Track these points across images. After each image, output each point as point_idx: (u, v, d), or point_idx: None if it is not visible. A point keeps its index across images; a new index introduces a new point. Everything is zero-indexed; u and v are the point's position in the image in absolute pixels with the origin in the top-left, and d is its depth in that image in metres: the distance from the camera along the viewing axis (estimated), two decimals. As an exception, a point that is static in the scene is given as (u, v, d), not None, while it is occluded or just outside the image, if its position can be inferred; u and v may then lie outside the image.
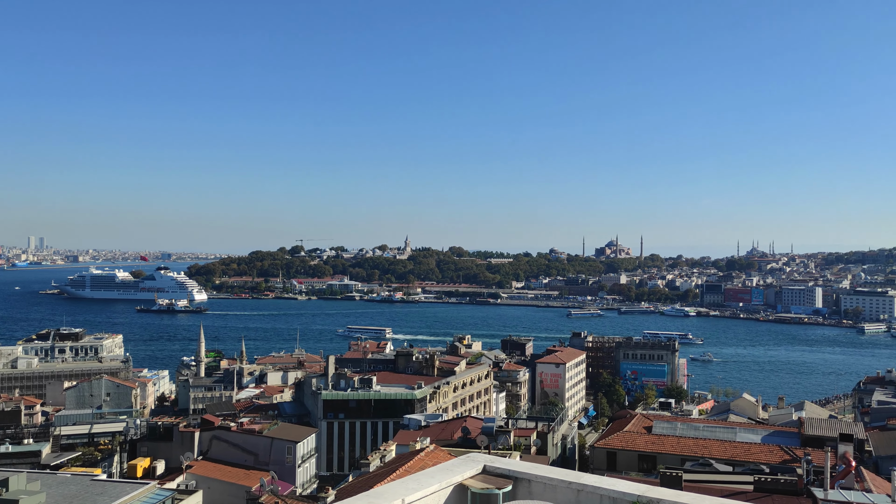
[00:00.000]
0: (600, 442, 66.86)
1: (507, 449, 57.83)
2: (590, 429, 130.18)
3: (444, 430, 71.16)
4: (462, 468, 11.83)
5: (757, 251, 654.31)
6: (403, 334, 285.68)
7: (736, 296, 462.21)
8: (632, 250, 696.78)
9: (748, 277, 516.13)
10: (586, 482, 11.00)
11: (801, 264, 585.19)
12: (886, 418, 72.45)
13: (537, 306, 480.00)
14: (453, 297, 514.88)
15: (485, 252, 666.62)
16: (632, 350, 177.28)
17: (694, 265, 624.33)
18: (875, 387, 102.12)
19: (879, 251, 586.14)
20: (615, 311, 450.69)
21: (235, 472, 64.48)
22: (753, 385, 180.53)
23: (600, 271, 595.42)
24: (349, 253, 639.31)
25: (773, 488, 33.02)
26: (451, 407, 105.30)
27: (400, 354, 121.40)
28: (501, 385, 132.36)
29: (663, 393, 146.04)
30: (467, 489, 11.38)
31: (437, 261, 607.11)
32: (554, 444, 74.87)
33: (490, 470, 12.01)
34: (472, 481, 11.64)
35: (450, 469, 11.85)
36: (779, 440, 61.89)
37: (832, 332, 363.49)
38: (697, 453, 58.19)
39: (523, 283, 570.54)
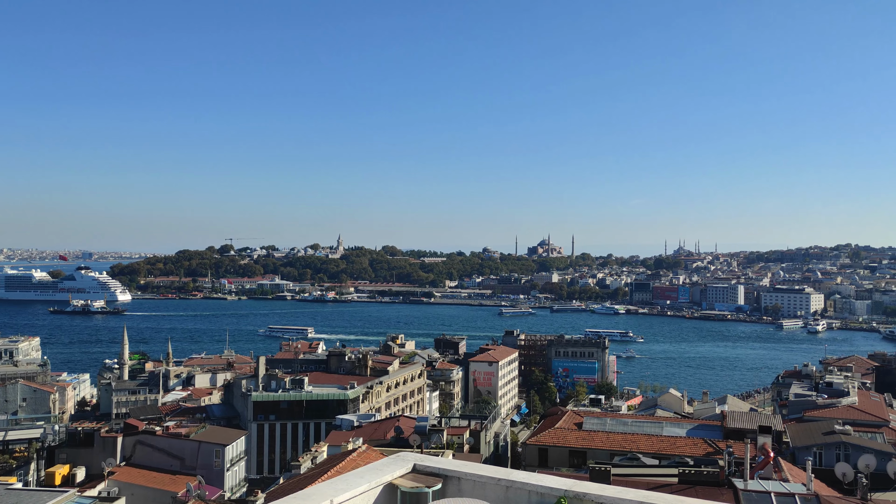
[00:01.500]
0: (532, 439, 67.64)
1: (439, 447, 57.86)
2: (522, 426, 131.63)
3: (377, 430, 70.75)
4: (392, 467, 11.63)
5: (683, 250, 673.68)
6: (328, 333, 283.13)
7: (663, 294, 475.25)
8: (563, 249, 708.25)
9: (675, 276, 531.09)
10: (515, 479, 10.97)
11: (724, 263, 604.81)
12: (803, 410, 75.31)
13: (471, 305, 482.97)
14: (387, 297, 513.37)
15: (418, 251, 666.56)
16: (563, 348, 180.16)
17: (624, 264, 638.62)
18: (792, 380, 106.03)
19: (797, 250, 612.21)
20: (547, 309, 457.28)
21: (161, 477, 62.59)
22: (680, 380, 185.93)
23: (533, 270, 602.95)
24: (280, 252, 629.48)
25: (697, 480, 34.00)
26: (384, 406, 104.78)
27: (332, 354, 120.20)
28: (435, 384, 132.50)
29: (594, 390, 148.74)
30: (397, 488, 11.19)
31: (370, 260, 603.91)
32: (487, 442, 75.40)
33: (420, 469, 11.85)
34: (401, 480, 11.46)
35: (379, 469, 11.64)
36: (703, 433, 63.81)
37: (753, 328, 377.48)
38: (626, 448, 59.45)
39: (457, 282, 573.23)
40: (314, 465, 50.98)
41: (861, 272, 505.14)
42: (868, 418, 71.70)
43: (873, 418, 72.03)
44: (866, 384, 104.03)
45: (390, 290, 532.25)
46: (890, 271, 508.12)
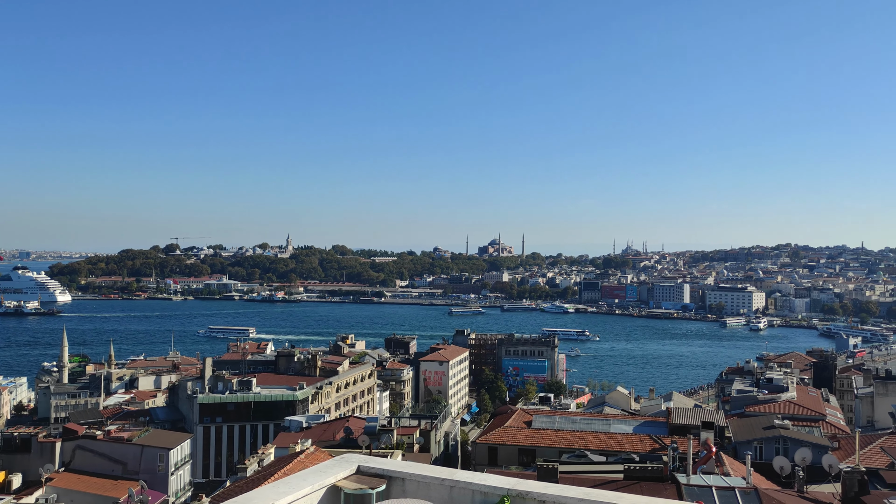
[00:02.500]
0: (482, 438, 67.91)
1: (389, 448, 57.61)
2: (473, 425, 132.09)
3: (326, 431, 70.11)
4: (335, 469, 11.48)
5: (631, 250, 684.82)
6: (277, 333, 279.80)
7: (612, 292, 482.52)
8: (514, 249, 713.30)
9: (623, 275, 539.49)
10: (459, 478, 10.93)
11: (671, 262, 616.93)
12: (744, 406, 77.30)
13: (421, 304, 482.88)
14: (337, 297, 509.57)
15: (369, 251, 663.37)
16: (513, 347, 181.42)
17: (573, 263, 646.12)
18: (735, 377, 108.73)
19: (740, 250, 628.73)
20: (498, 308, 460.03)
21: (102, 483, 60.88)
22: (627, 378, 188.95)
23: (483, 269, 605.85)
24: (228, 251, 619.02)
25: (642, 476, 34.56)
26: (334, 407, 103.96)
27: (281, 355, 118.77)
28: (385, 384, 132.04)
29: (544, 388, 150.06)
30: (340, 490, 11.05)
31: (320, 259, 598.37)
32: (437, 442, 75.41)
33: (364, 470, 11.73)
34: (345, 482, 11.32)
35: (322, 471, 11.47)
36: (649, 430, 64.91)
37: (698, 326, 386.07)
38: (574, 445, 60.12)
39: (407, 282, 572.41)
40: (261, 468, 50.24)
41: (800, 271, 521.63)
42: (806, 413, 74.04)
43: (811, 413, 74.42)
44: (804, 380, 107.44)
45: (340, 289, 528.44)
46: (827, 270, 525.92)
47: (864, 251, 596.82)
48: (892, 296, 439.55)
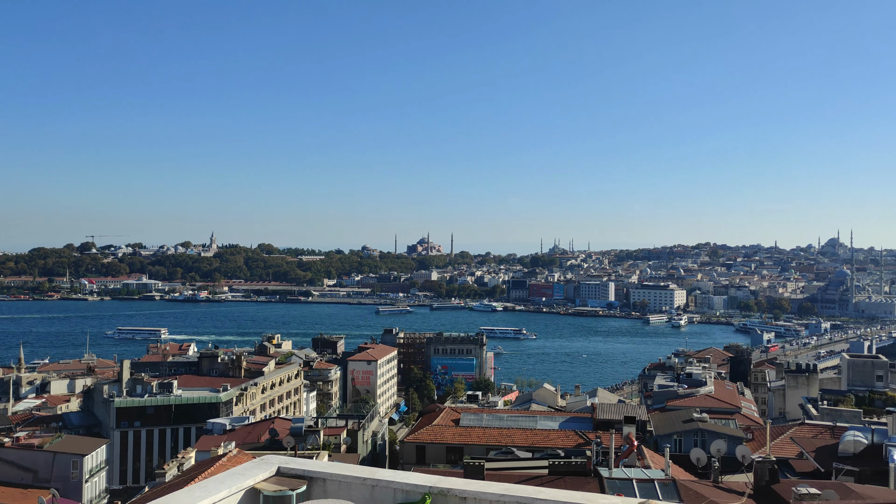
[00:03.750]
0: (410, 436, 67.96)
1: (315, 449, 56.86)
2: (401, 424, 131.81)
3: (250, 434, 68.75)
4: (254, 471, 11.16)
5: (558, 248, 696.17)
6: (200, 334, 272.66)
7: (539, 291, 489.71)
8: (443, 248, 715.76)
9: (550, 273, 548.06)
10: (380, 477, 10.83)
11: (596, 261, 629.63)
12: (666, 400, 79.59)
13: (350, 304, 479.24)
14: (263, 296, 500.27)
15: (296, 249, 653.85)
16: (442, 345, 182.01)
17: (501, 262, 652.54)
18: (657, 372, 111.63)
19: (662, 248, 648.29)
20: (427, 307, 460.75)
21: (10, 492, 57.93)
22: (554, 375, 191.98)
23: (412, 268, 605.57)
24: (148, 250, 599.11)
25: (565, 471, 35.11)
26: (259, 409, 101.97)
27: (204, 356, 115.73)
28: (312, 384, 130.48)
29: (472, 386, 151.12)
30: (259, 493, 10.74)
31: (245, 258, 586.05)
32: (364, 442, 74.90)
33: (284, 471, 11.46)
34: (264, 484, 11.02)
35: (241, 473, 11.12)
36: (574, 425, 66.15)
37: (623, 323, 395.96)
38: (501, 442, 60.73)
39: (335, 281, 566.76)
40: (181, 473, 48.76)
41: (719, 269, 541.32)
42: (723, 406, 76.84)
43: (727, 406, 77.26)
44: (722, 374, 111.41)
45: (266, 289, 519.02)
46: (743, 268, 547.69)
47: (777, 250, 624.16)
48: (802, 293, 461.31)
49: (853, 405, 77.96)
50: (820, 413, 72.94)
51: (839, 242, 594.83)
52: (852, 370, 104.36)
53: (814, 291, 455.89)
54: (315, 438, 61.32)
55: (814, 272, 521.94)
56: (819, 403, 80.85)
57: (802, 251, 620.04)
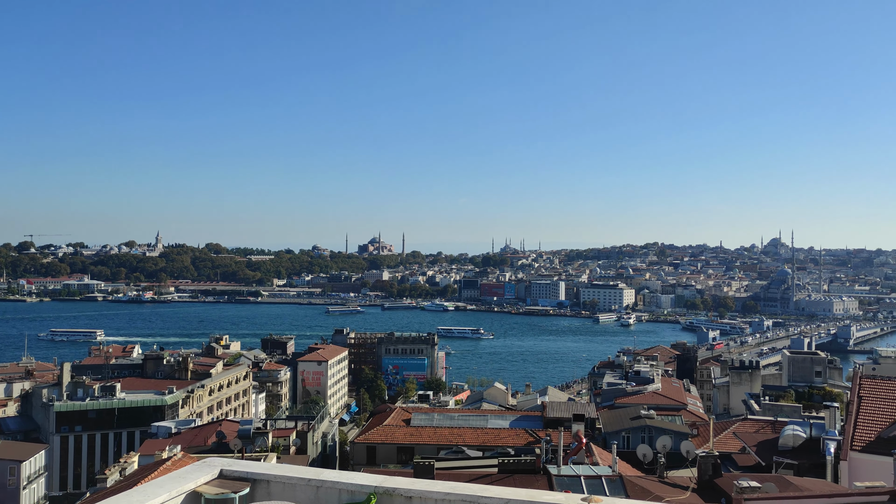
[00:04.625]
0: (360, 437, 67.47)
1: (263, 451, 56.02)
2: (352, 425, 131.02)
3: (197, 437, 67.44)
4: (196, 474, 10.86)
5: (510, 248, 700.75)
6: (145, 336, 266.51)
7: (491, 290, 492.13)
8: (394, 247, 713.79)
9: (502, 273, 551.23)
10: (325, 478, 10.70)
11: (547, 260, 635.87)
12: (614, 398, 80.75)
13: (300, 304, 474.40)
14: (210, 296, 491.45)
15: (245, 249, 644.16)
16: (393, 345, 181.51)
17: (453, 262, 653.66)
18: (606, 370, 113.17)
19: (612, 248, 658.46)
20: (378, 307, 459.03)
21: (-58, 501, 55.72)
22: (506, 374, 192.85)
23: (364, 268, 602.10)
24: (90, 250, 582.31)
25: (515, 469, 35.29)
26: (206, 411, 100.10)
27: (149, 358, 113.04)
28: (262, 385, 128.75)
29: (423, 386, 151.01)
30: (201, 496, 10.46)
31: (192, 258, 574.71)
32: (314, 443, 74.16)
33: (227, 474, 11.20)
34: (206, 487, 10.73)
35: (182, 476, 10.80)
36: (524, 424, 66.60)
37: (573, 322, 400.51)
38: (452, 441, 60.71)
39: (285, 281, 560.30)
40: (123, 478, 47.48)
41: (666, 269, 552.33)
42: (669, 402, 78.31)
43: (674, 402, 78.78)
44: (668, 371, 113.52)
45: (215, 289, 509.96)
46: (690, 268, 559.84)
47: (722, 250, 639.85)
48: (746, 291, 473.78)
49: (793, 400, 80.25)
50: (762, 408, 74.86)
51: (781, 242, 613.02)
52: (793, 366, 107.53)
53: (757, 290, 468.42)
54: (263, 440, 60.42)
55: (757, 271, 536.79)
56: (761, 399, 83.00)
57: (746, 251, 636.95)
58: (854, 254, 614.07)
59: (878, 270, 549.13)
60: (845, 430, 35.59)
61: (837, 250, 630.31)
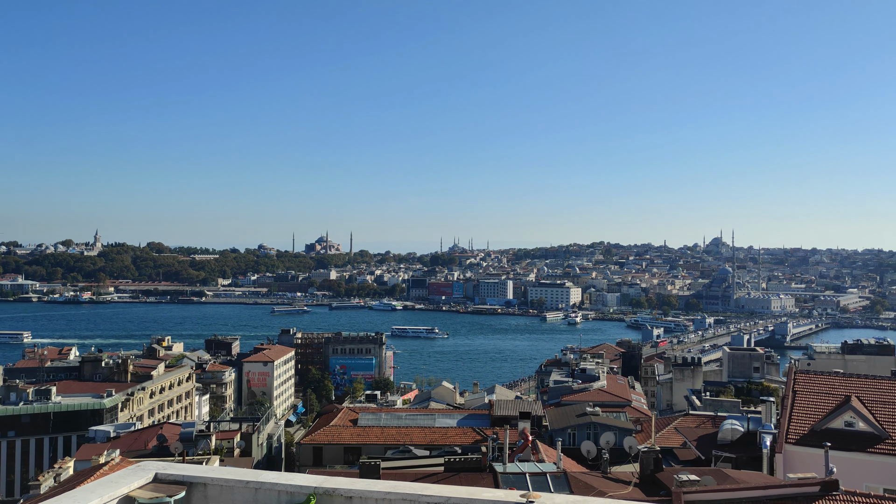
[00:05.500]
0: (307, 438, 66.70)
1: (206, 454, 54.92)
2: (299, 426, 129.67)
3: (136, 440, 65.75)
4: (129, 479, 10.58)
5: (458, 247, 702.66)
6: (83, 338, 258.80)
7: (439, 289, 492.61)
8: (342, 246, 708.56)
9: (450, 272, 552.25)
10: (264, 480, 10.58)
11: (495, 260, 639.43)
12: (561, 395, 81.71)
13: (245, 304, 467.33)
14: (152, 297, 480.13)
15: (188, 248, 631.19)
16: (341, 345, 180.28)
17: (401, 261, 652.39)
18: (553, 368, 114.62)
19: (559, 247, 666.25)
20: (326, 306, 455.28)
21: None
22: (454, 373, 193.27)
23: (311, 267, 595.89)
24: (25, 249, 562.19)
25: (461, 467, 35.36)
26: (147, 414, 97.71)
27: (86, 361, 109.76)
28: (205, 387, 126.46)
29: (371, 385, 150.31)
30: (134, 501, 10.19)
31: (133, 257, 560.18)
32: (259, 445, 73.07)
33: (162, 477, 10.96)
34: (140, 492, 10.48)
35: (114, 481, 10.51)
36: (472, 422, 66.81)
37: (521, 320, 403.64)
38: (400, 441, 60.51)
39: (230, 281, 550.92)
40: (57, 484, 45.97)
41: (612, 267, 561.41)
42: (614, 399, 79.61)
43: (619, 399, 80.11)
44: (614, 369, 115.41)
45: (156, 289, 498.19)
46: (635, 266, 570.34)
47: (666, 249, 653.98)
48: (689, 290, 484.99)
49: (733, 396, 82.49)
50: (703, 404, 76.76)
51: (722, 242, 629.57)
52: (732, 362, 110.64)
53: (699, 288, 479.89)
54: (206, 443, 59.24)
55: (700, 270, 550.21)
56: (703, 395, 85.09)
57: (689, 250, 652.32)
58: (791, 253, 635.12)
59: (813, 269, 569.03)
60: (780, 423, 36.67)
61: (775, 249, 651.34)
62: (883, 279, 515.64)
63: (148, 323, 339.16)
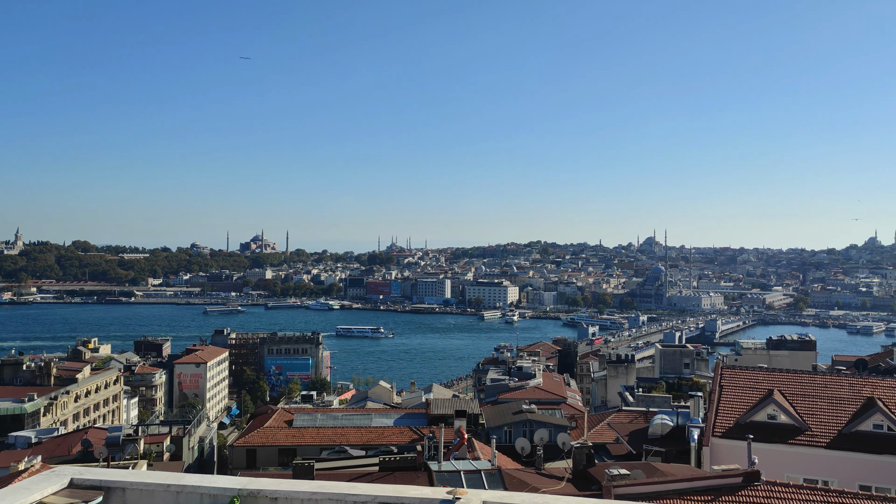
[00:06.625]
0: (240, 440, 65.43)
1: (133, 458, 53.30)
2: (233, 428, 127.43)
3: (60, 446, 63.29)
4: (42, 485, 10.19)
5: (396, 246, 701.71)
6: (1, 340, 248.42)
7: (377, 289, 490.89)
8: (278, 245, 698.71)
9: (388, 271, 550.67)
10: (186, 483, 10.35)
11: (433, 259, 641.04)
12: (498, 393, 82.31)
13: (177, 304, 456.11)
14: (78, 297, 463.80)
15: (116, 247, 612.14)
16: (276, 345, 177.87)
17: (338, 260, 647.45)
18: (490, 367, 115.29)
19: (496, 246, 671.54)
20: (262, 306, 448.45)
21: None
22: (392, 372, 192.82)
23: (246, 266, 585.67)
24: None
25: (396, 466, 35.25)
26: (72, 419, 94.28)
27: (6, 364, 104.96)
28: (134, 390, 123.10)
29: (308, 386, 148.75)
30: (48, 507, 9.81)
31: (57, 256, 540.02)
32: (190, 448, 71.38)
33: (78, 483, 10.60)
34: (54, 498, 10.11)
35: (26, 487, 10.11)
36: (409, 421, 66.69)
37: (459, 319, 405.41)
38: (336, 441, 59.95)
39: (161, 280, 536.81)
40: (-26, 493, 43.86)
41: (549, 266, 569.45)
42: (550, 397, 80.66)
43: (554, 396, 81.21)
44: (550, 366, 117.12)
45: (82, 289, 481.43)
46: (571, 265, 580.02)
47: (601, 248, 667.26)
48: (623, 288, 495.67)
49: (664, 391, 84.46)
50: (636, 400, 78.36)
51: (655, 241, 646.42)
52: (664, 359, 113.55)
53: (633, 287, 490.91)
54: (134, 447, 57.46)
55: (634, 269, 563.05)
56: (636, 391, 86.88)
57: (624, 249, 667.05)
58: (720, 252, 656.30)
59: (741, 267, 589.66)
60: (707, 417, 37.77)
61: (706, 249, 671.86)
62: (806, 277, 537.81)
63: (73, 324, 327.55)
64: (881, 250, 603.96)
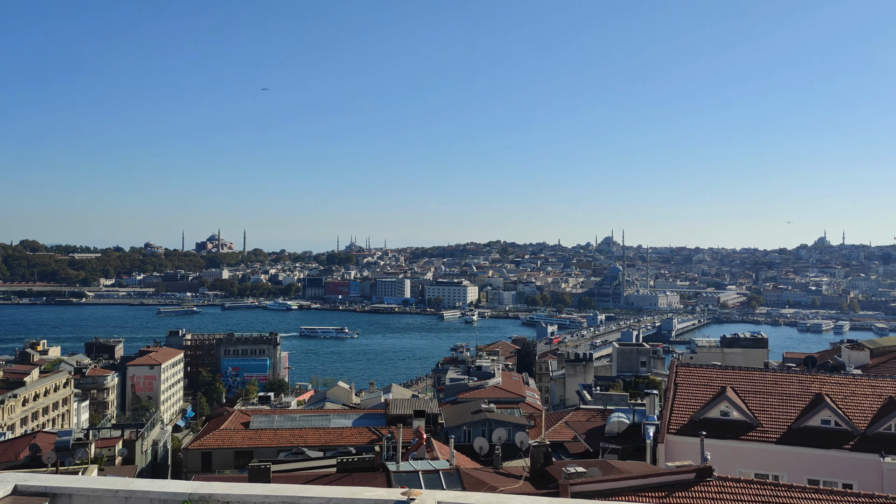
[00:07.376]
0: (195, 443, 64.41)
1: (84, 463, 52.02)
2: (188, 431, 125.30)
3: (6, 452, 61.47)
4: (-16, 492, 9.92)
5: (355, 246, 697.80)
6: None
7: (336, 288, 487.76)
8: (235, 245, 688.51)
9: (347, 271, 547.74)
10: (135, 488, 10.17)
11: (393, 258, 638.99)
12: (457, 393, 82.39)
13: (130, 305, 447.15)
14: (26, 298, 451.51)
15: (67, 246, 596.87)
16: (233, 346, 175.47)
17: (297, 259, 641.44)
18: (449, 366, 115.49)
19: (456, 246, 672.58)
20: (218, 306, 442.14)
21: None
22: (351, 373, 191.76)
23: (202, 266, 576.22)
24: None
25: (353, 467, 35.04)
26: (19, 423, 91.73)
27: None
28: (85, 393, 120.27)
29: (265, 387, 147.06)
30: (-12, 516, 9.56)
31: (4, 256, 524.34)
32: (143, 452, 69.99)
33: (22, 489, 10.38)
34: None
35: (-33, 496, 9.85)
36: (367, 422, 66.42)
37: (418, 319, 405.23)
38: (293, 443, 59.40)
39: (114, 281, 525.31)
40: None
41: (508, 266, 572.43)
42: (509, 396, 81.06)
43: (513, 395, 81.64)
44: (509, 365, 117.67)
45: (31, 290, 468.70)
46: (530, 265, 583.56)
47: (560, 248, 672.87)
48: (582, 287, 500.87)
49: (622, 389, 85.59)
50: (594, 398, 79.22)
51: (613, 241, 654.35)
52: (621, 358, 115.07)
53: (591, 286, 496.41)
54: (84, 452, 56.05)
55: (592, 268, 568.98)
56: (594, 389, 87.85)
57: (582, 249, 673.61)
58: (676, 251, 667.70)
59: (696, 267, 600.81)
60: (663, 415, 38.35)
61: (662, 248, 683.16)
62: (758, 277, 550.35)
63: (21, 326, 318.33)
64: (829, 250, 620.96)
